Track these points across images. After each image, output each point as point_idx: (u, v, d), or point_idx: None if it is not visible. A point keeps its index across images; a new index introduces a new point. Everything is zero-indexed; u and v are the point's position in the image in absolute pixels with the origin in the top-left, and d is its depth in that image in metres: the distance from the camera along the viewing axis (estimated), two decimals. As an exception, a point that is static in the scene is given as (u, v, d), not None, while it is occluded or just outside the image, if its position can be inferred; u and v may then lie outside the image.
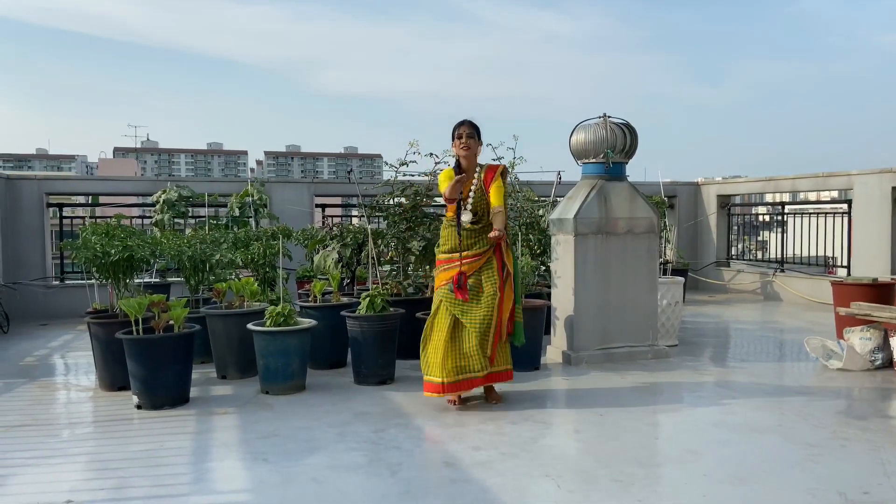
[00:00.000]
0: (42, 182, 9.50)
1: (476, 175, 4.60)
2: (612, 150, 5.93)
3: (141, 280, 7.07)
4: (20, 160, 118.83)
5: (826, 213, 10.29)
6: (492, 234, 4.42)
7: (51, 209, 9.59)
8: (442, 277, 4.59)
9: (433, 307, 4.61)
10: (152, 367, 4.55)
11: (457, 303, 4.45)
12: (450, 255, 4.57)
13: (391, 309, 5.27)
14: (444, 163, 6.53)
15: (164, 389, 4.60)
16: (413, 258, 6.42)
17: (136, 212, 11.98)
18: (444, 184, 4.57)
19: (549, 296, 6.24)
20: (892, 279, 7.06)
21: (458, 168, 4.61)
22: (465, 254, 4.49)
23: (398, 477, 3.38)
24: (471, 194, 4.55)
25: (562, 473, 3.42)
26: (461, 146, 4.55)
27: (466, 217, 4.50)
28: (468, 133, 4.56)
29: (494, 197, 4.53)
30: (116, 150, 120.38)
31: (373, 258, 6.07)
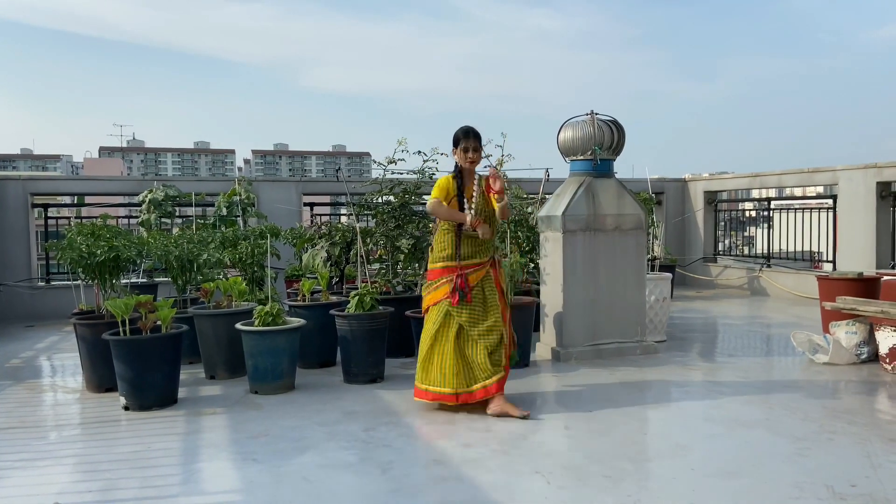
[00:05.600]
0: (27, 182, 9.42)
1: (477, 181, 4.53)
2: (600, 147, 5.95)
3: (127, 280, 7.02)
4: (4, 160, 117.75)
5: (812, 209, 10.36)
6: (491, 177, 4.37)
7: (36, 209, 9.52)
8: (435, 296, 4.43)
9: (432, 323, 4.42)
10: (140, 368, 4.52)
11: (463, 311, 4.34)
12: (446, 263, 4.42)
13: (380, 307, 5.26)
14: (433, 160, 6.53)
15: (152, 390, 4.57)
16: (402, 256, 6.41)
17: (122, 212, 11.88)
18: (440, 191, 4.47)
19: (538, 293, 6.25)
20: (877, 273, 7.11)
21: (459, 175, 4.53)
22: (464, 263, 4.40)
23: (389, 475, 3.38)
24: (473, 197, 4.47)
25: (552, 470, 3.43)
26: (468, 160, 4.49)
27: (471, 218, 4.40)
28: (475, 147, 4.50)
29: (495, 201, 4.49)
30: (102, 150, 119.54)
31: (361, 257, 6.06)
